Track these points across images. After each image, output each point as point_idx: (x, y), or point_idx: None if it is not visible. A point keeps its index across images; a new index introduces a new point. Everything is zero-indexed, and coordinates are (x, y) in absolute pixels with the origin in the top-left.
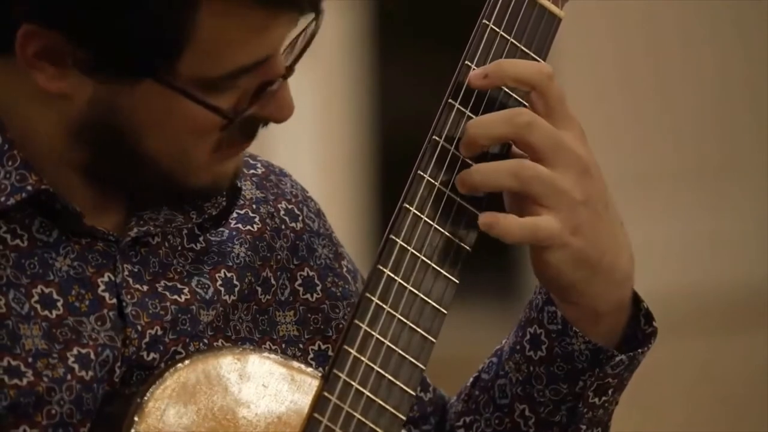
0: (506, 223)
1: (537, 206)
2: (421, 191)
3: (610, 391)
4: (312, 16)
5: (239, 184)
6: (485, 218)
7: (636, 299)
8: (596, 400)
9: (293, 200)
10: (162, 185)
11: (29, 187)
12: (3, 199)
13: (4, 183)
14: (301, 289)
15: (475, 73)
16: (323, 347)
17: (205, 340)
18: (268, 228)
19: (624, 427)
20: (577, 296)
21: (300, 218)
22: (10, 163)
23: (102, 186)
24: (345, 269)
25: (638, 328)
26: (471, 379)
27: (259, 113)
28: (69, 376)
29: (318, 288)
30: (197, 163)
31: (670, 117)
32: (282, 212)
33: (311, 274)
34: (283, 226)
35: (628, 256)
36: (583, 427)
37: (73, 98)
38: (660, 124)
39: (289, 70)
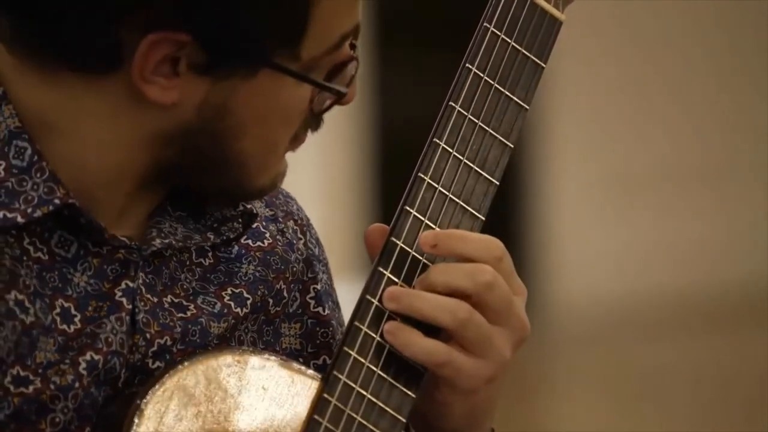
0: (407, 337)
1: (460, 347)
2: (422, 193)
3: None
4: None
5: (255, 210)
6: (388, 326)
7: None
8: None
9: (299, 222)
10: (234, 187)
11: (57, 200)
12: (30, 210)
13: (31, 194)
14: (312, 302)
15: (424, 239)
16: (329, 361)
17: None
18: (280, 243)
19: (626, 426)
20: None
21: (303, 241)
22: (38, 175)
23: (165, 185)
24: (336, 298)
25: None
26: None
27: (334, 100)
28: (77, 384)
29: (326, 305)
30: (278, 158)
31: (670, 118)
32: (290, 231)
33: (320, 289)
34: (294, 241)
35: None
36: None
37: (182, 105)
38: (660, 125)
39: (355, 51)
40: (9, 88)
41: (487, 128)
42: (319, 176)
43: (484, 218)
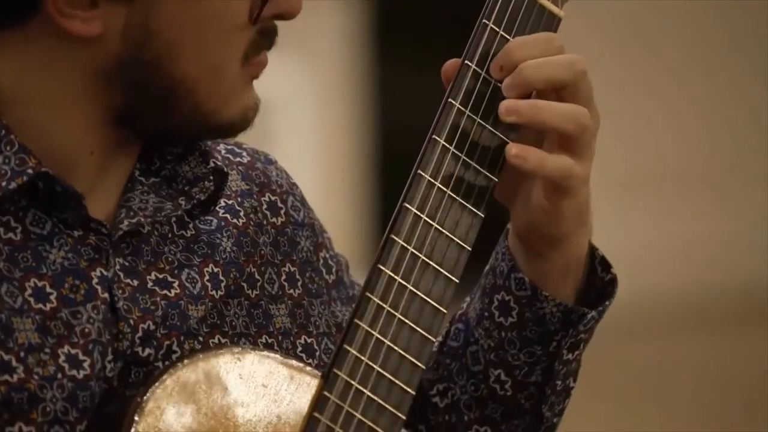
0: (539, 156)
1: (566, 151)
2: (421, 191)
3: (582, 345)
4: None
5: (226, 170)
6: (516, 149)
7: (591, 248)
8: (570, 356)
9: (278, 191)
10: (199, 120)
11: (30, 170)
12: (4, 184)
13: (3, 168)
14: (286, 284)
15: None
16: (308, 341)
17: (200, 338)
18: (252, 223)
19: (626, 425)
20: (557, 250)
21: (283, 211)
22: (8, 149)
23: (128, 135)
24: (321, 261)
25: (595, 276)
26: (436, 346)
27: (274, 10)
28: (60, 375)
29: (299, 284)
30: (230, 80)
31: (670, 118)
32: (264, 206)
33: (293, 269)
34: (264, 222)
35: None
36: (558, 382)
37: (107, 36)
38: (660, 126)
39: None
40: None
41: (486, 125)
42: (318, 174)
43: (483, 215)
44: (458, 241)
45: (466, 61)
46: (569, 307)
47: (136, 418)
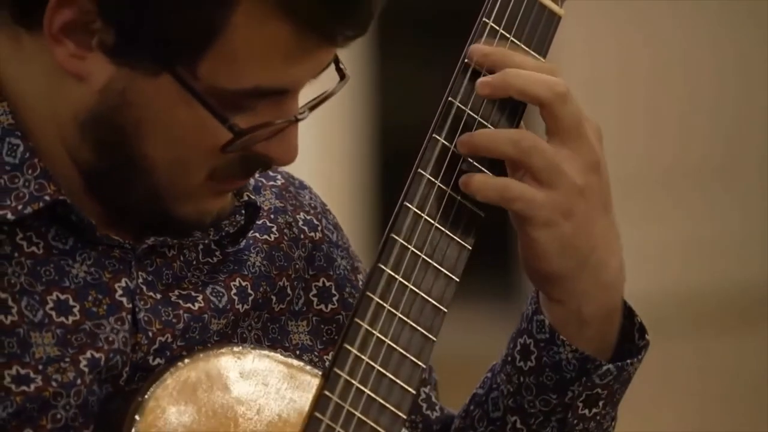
0: (479, 180)
1: (532, 180)
2: (421, 190)
3: (600, 403)
4: (336, 78)
5: (258, 203)
6: (463, 178)
7: (629, 312)
8: (586, 411)
9: (312, 212)
10: (151, 205)
11: (47, 197)
12: (21, 207)
13: (23, 191)
14: (315, 299)
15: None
16: None
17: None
18: (286, 238)
19: (622, 427)
20: (562, 292)
21: (319, 228)
22: (30, 172)
23: (100, 200)
24: (360, 282)
25: (632, 343)
26: (469, 397)
27: (263, 150)
28: (79, 381)
29: (335, 299)
30: (190, 184)
31: (669, 118)
32: (300, 222)
33: (328, 284)
34: (302, 236)
35: (618, 263)
36: None
37: (89, 82)
38: (660, 126)
39: (302, 115)
40: (2, 83)
41: (486, 123)
42: (318, 174)
43: (484, 214)
44: (459, 240)
45: (466, 60)
46: (585, 355)
47: (137, 417)
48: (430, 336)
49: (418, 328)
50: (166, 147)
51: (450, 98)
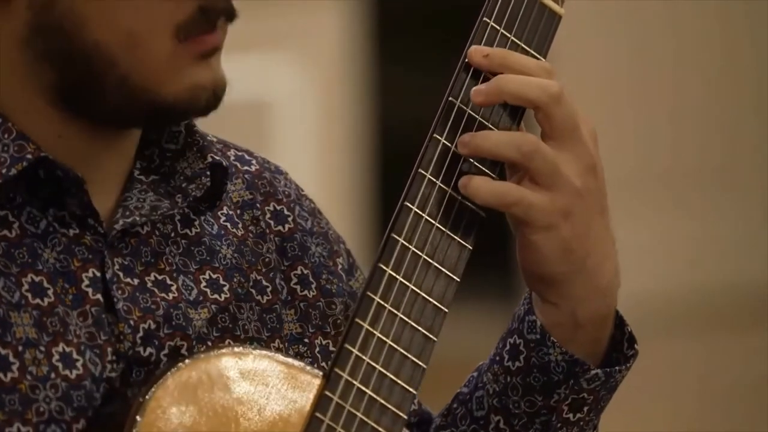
0: (477, 183)
1: (532, 184)
2: (422, 190)
3: (585, 409)
4: None
5: (225, 163)
6: (462, 180)
7: (620, 321)
8: (570, 415)
9: (284, 200)
10: (134, 98)
11: (29, 155)
12: (4, 171)
13: (3, 156)
14: (297, 287)
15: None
16: (324, 342)
17: (209, 342)
18: (251, 234)
19: (626, 425)
20: (557, 295)
21: (290, 218)
22: (6, 136)
23: (76, 117)
24: (339, 267)
25: (620, 352)
26: (453, 396)
27: None
28: (53, 374)
29: (313, 285)
30: (160, 55)
31: (669, 118)
32: (268, 215)
33: (305, 272)
34: (267, 230)
35: (613, 269)
36: None
37: (11, 4)
38: (660, 125)
39: None
40: None
41: (486, 123)
42: (318, 174)
43: (484, 214)
44: (459, 240)
45: (466, 59)
46: (574, 358)
47: (138, 418)
48: (431, 336)
49: (419, 328)
50: (109, 23)
51: (450, 98)
